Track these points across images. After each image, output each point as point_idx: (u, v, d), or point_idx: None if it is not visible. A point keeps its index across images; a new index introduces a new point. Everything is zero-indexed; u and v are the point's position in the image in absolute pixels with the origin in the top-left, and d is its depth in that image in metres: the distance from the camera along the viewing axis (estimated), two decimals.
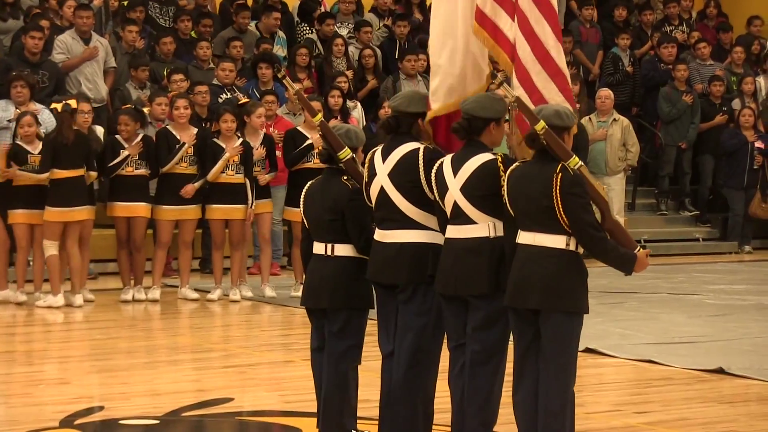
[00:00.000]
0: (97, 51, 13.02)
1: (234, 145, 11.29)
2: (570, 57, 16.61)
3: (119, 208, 11.33)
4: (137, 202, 11.29)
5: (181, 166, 11.32)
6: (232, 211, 11.35)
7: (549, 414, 5.49)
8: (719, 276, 13.56)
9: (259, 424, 7.05)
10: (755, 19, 18.25)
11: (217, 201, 11.36)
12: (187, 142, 11.30)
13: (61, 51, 13.01)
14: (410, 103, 6.01)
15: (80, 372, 8.48)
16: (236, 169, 11.31)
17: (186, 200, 11.31)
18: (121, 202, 11.31)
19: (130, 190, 11.28)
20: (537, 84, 5.88)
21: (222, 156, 11.22)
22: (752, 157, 15.79)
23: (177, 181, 11.29)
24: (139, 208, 11.30)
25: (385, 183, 5.95)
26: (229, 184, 11.31)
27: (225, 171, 11.29)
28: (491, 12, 5.93)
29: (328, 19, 15.53)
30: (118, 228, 11.39)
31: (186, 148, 11.28)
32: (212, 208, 11.40)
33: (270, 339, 10.13)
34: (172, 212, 11.35)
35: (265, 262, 11.79)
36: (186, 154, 11.30)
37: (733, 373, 8.20)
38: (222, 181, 11.31)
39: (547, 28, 5.83)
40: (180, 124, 11.40)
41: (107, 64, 13.29)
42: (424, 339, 5.93)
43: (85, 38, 13.09)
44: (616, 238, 5.53)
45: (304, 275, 6.36)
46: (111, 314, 10.93)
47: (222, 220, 11.41)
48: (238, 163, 11.30)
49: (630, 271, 5.56)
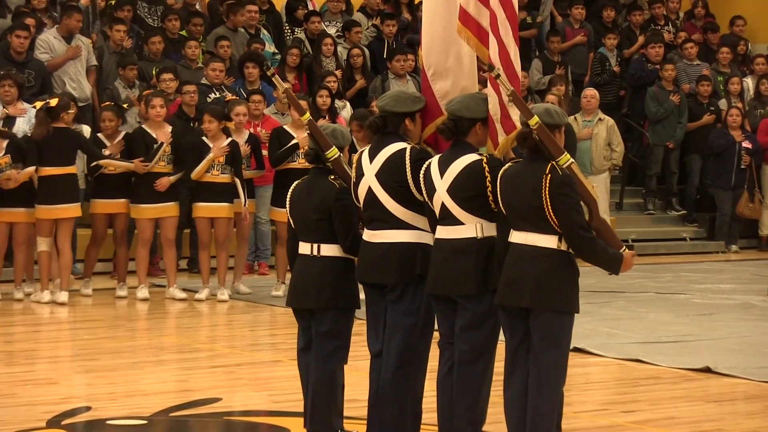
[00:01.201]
0: (80, 50, 13.00)
1: (221, 144, 11.31)
2: (557, 57, 16.65)
3: (101, 204, 11.37)
4: (119, 199, 11.35)
5: (159, 165, 11.38)
6: (218, 209, 11.37)
7: (538, 414, 5.50)
8: (706, 275, 13.60)
9: (246, 424, 7.05)
10: (738, 19, 18.31)
11: (203, 200, 11.39)
12: (165, 141, 11.34)
13: (44, 51, 12.98)
14: (397, 103, 6.01)
15: (68, 372, 8.47)
16: (221, 169, 11.33)
17: (164, 198, 11.35)
18: (103, 199, 11.36)
19: (112, 188, 11.35)
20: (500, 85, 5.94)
21: (207, 155, 11.24)
22: (740, 157, 15.83)
23: (155, 179, 11.34)
24: (121, 205, 11.37)
25: (373, 183, 5.95)
26: (215, 183, 11.33)
27: (210, 171, 11.31)
28: (474, 11, 5.97)
29: (313, 17, 15.53)
30: (98, 225, 11.45)
31: (164, 147, 11.32)
32: (198, 207, 11.44)
33: (257, 339, 10.13)
34: (151, 210, 11.39)
35: (240, 259, 11.89)
36: (164, 153, 11.35)
37: (719, 372, 8.22)
38: (207, 180, 11.33)
39: (509, 31, 5.89)
40: (156, 122, 11.44)
41: (89, 63, 13.28)
42: (412, 339, 5.94)
43: (67, 37, 13.06)
44: (602, 236, 5.55)
45: (288, 275, 6.36)
46: (98, 314, 10.92)
47: (208, 219, 11.42)
48: (224, 164, 11.32)
49: (617, 271, 5.57)
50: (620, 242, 5.64)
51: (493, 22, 5.90)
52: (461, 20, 6.02)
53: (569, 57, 16.85)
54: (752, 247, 16.33)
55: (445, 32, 6.14)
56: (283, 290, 11.31)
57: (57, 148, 10.95)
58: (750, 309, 11.13)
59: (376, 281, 5.99)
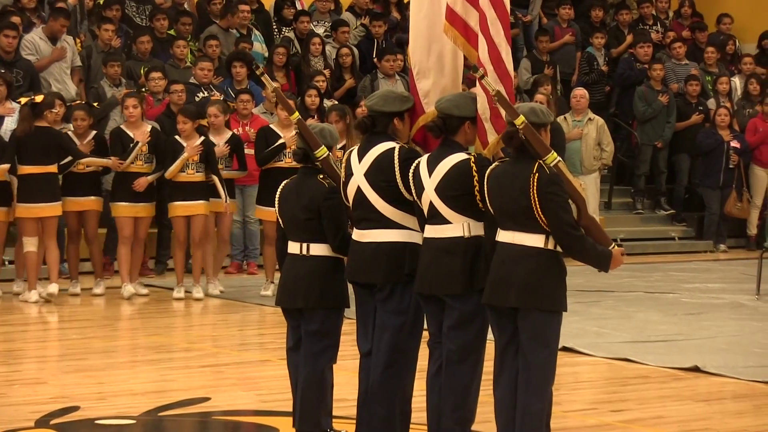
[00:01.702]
0: (65, 52, 12.98)
1: (194, 144, 11.32)
2: (546, 56, 16.66)
3: (71, 203, 11.39)
4: (89, 197, 11.42)
5: (137, 164, 11.41)
6: (194, 207, 11.41)
7: (527, 413, 5.50)
8: (695, 275, 13.62)
9: (235, 423, 7.04)
10: (725, 17, 18.34)
11: (178, 198, 11.45)
12: (141, 141, 11.34)
13: (29, 52, 12.95)
14: (385, 103, 6.00)
15: (56, 372, 8.45)
16: (196, 168, 11.38)
17: (141, 197, 11.41)
18: (73, 197, 11.38)
19: (82, 186, 11.40)
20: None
21: (181, 155, 11.28)
22: (728, 157, 15.85)
23: (132, 179, 11.39)
24: (91, 203, 11.43)
25: (362, 183, 5.95)
26: (189, 182, 11.39)
27: (185, 170, 11.37)
28: (462, 10, 5.97)
29: (302, 17, 15.52)
30: (70, 223, 11.50)
31: (140, 146, 11.33)
32: (174, 206, 11.50)
33: (246, 338, 10.12)
34: (128, 209, 11.45)
35: (219, 260, 11.94)
36: (141, 152, 11.35)
37: (708, 371, 8.24)
38: (182, 179, 11.39)
39: (500, 30, 5.88)
40: (132, 122, 11.46)
41: (73, 63, 13.26)
42: (401, 338, 5.94)
43: (52, 38, 13.02)
44: (591, 234, 5.55)
45: (277, 274, 6.36)
46: (86, 314, 10.90)
47: (184, 218, 11.47)
48: (198, 162, 11.36)
49: (607, 269, 5.58)
50: (609, 239, 5.64)
51: (482, 21, 5.89)
52: (448, 19, 6.01)
53: (558, 56, 16.86)
54: (740, 246, 16.36)
55: (428, 30, 6.13)
56: (272, 290, 11.31)
57: (38, 147, 10.97)
58: (738, 308, 11.15)
59: (365, 281, 5.99)
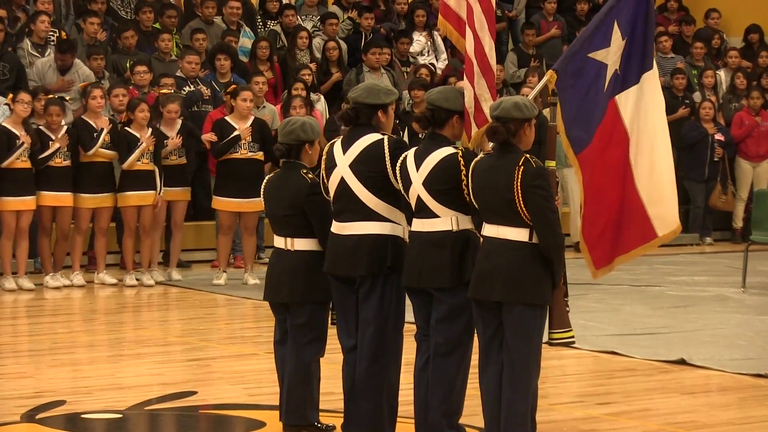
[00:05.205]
0: (71, 84, 12.72)
1: (146, 135, 11.49)
2: (532, 50, 16.67)
3: (47, 197, 11.42)
4: (64, 192, 11.47)
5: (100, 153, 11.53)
6: (146, 197, 11.60)
7: (512, 406, 5.51)
8: (680, 267, 13.64)
9: (222, 417, 7.04)
10: (713, 12, 18.37)
11: (131, 188, 11.58)
12: (105, 129, 11.49)
13: (32, 78, 12.80)
14: (369, 95, 6.01)
15: (41, 366, 8.43)
16: (150, 157, 11.59)
17: (103, 189, 11.55)
18: (48, 191, 11.40)
19: (58, 181, 11.44)
20: (474, 78, 6.01)
21: (138, 146, 11.44)
22: (713, 150, 15.87)
23: (96, 169, 11.52)
24: (66, 198, 11.48)
25: (346, 174, 5.94)
26: (144, 171, 11.57)
27: (140, 159, 11.54)
28: (455, 5, 6.00)
29: (287, 11, 15.50)
30: (44, 217, 11.51)
31: (104, 134, 11.46)
32: (126, 196, 11.62)
33: (233, 332, 10.11)
34: (91, 200, 11.54)
35: (175, 246, 12.09)
36: (104, 142, 11.47)
37: (694, 364, 8.25)
38: (136, 168, 11.55)
39: (485, 25, 5.93)
40: (95, 113, 11.56)
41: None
42: (385, 332, 5.94)
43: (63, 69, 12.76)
44: None
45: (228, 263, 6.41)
46: (71, 308, 10.89)
47: (135, 207, 11.62)
48: (152, 152, 11.54)
49: (559, 280, 5.65)
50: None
51: (469, 15, 5.92)
52: (442, 14, 6.08)
53: (544, 50, 16.86)
54: (726, 239, 16.37)
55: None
56: (224, 278, 11.65)
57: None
58: (724, 301, 11.17)
59: (346, 274, 5.98)
